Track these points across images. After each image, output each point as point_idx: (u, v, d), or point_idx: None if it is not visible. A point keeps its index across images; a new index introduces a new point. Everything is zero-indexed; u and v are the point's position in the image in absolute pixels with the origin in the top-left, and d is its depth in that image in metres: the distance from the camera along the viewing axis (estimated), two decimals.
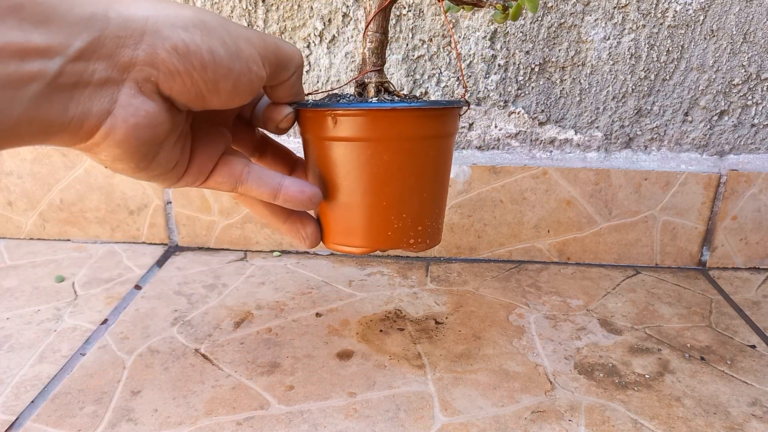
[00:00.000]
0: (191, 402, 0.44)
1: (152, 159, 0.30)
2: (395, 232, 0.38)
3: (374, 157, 0.36)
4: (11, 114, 0.23)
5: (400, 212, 0.38)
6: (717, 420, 0.43)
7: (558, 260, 0.69)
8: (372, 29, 0.39)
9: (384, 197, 0.37)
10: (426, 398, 0.45)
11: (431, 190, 0.39)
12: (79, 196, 0.68)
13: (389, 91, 0.41)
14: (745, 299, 0.62)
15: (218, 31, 0.29)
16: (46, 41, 0.24)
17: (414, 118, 0.36)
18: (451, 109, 0.37)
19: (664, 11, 0.59)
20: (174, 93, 0.29)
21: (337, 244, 0.39)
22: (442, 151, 0.39)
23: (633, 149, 0.66)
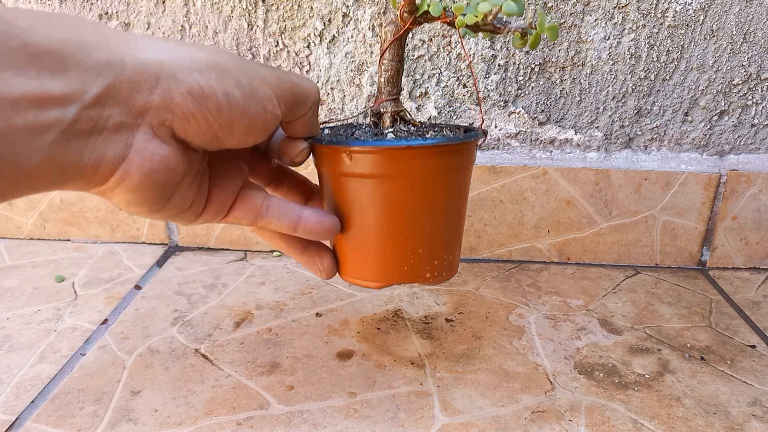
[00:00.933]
0: (191, 402, 0.44)
1: (167, 201, 0.30)
2: (411, 268, 0.38)
3: (390, 193, 0.36)
4: (28, 162, 0.23)
5: (416, 248, 0.37)
6: (717, 420, 0.43)
7: (558, 260, 0.69)
8: (387, 58, 0.38)
9: (400, 233, 0.37)
10: (426, 398, 0.45)
11: (448, 224, 0.38)
12: (79, 196, 0.68)
13: (405, 120, 0.40)
14: (745, 299, 0.62)
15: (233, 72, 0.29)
16: (63, 89, 0.24)
17: (430, 155, 0.35)
18: (468, 143, 0.36)
19: (664, 11, 0.59)
20: (189, 136, 0.29)
21: (354, 277, 0.39)
22: (459, 185, 0.38)
23: (633, 149, 0.66)
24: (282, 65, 0.63)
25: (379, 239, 0.37)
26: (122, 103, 0.26)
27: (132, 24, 0.61)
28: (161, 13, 0.61)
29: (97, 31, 0.25)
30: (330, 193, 0.38)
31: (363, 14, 0.60)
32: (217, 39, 0.62)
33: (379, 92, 0.40)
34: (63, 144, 0.24)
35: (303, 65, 0.63)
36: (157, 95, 0.26)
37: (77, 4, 0.61)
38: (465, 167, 0.38)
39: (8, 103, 0.22)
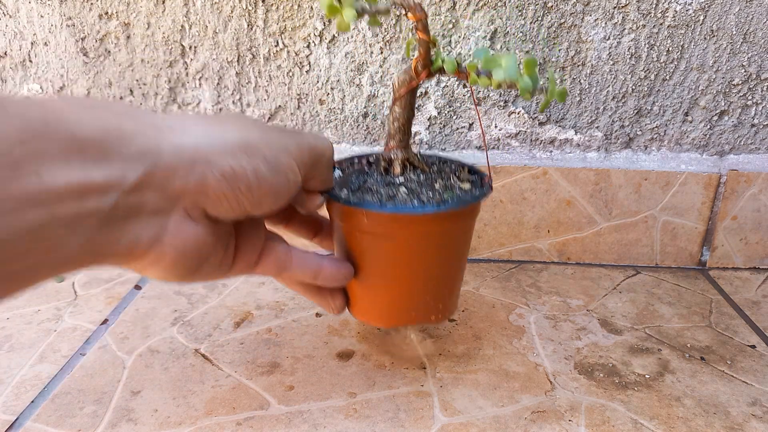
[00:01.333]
0: (191, 402, 0.44)
1: (198, 270, 0.32)
2: (418, 312, 0.42)
3: (403, 249, 0.38)
4: (68, 250, 0.24)
5: (424, 294, 0.41)
6: (717, 420, 0.43)
7: (558, 260, 0.69)
8: (399, 107, 0.40)
9: (409, 283, 0.40)
10: (426, 398, 0.45)
11: (453, 271, 0.42)
12: None
13: (414, 165, 0.43)
14: (745, 299, 0.62)
15: (261, 149, 0.30)
16: (105, 177, 0.24)
17: (441, 218, 0.37)
18: (476, 204, 0.39)
19: (664, 11, 0.59)
20: (221, 213, 0.30)
21: (364, 317, 0.43)
22: (465, 236, 0.41)
23: (633, 149, 0.66)
24: (282, 65, 0.63)
25: (390, 287, 0.40)
26: (159, 189, 0.27)
27: (132, 24, 0.61)
28: (161, 13, 0.61)
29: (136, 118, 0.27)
30: (344, 242, 0.40)
31: None
32: (217, 39, 0.62)
33: (390, 138, 0.42)
34: (101, 230, 0.25)
35: (303, 65, 0.63)
36: (193, 180, 0.28)
37: (77, 4, 0.61)
38: (471, 221, 0.41)
39: (54, 194, 0.23)
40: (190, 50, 0.63)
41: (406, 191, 0.39)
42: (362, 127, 0.65)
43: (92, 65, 0.64)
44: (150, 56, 0.63)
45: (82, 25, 0.62)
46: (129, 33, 0.62)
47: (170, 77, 0.64)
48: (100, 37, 0.62)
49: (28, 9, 0.62)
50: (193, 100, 0.65)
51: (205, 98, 0.65)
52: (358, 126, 0.65)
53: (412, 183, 0.40)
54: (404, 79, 0.39)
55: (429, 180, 0.41)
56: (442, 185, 0.41)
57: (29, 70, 0.65)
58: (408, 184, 0.40)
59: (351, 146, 0.66)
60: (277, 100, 0.64)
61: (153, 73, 0.64)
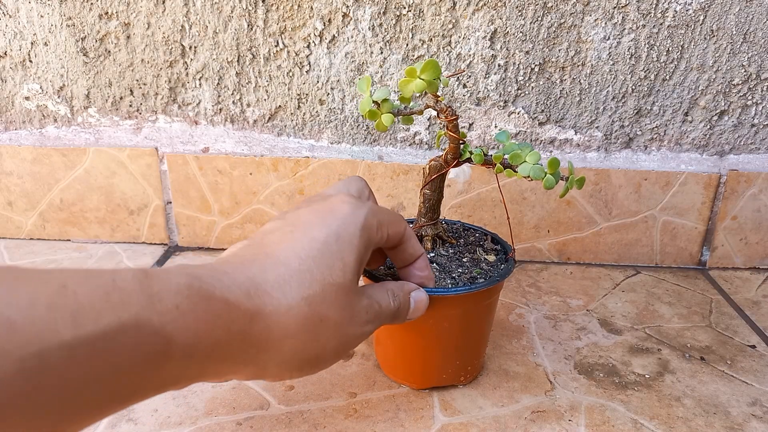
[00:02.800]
0: (191, 402, 0.44)
1: None
2: (449, 374, 0.45)
3: (437, 323, 0.42)
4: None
5: (454, 360, 0.44)
6: (717, 420, 0.43)
7: (558, 260, 0.69)
8: (429, 189, 0.45)
9: (441, 351, 0.44)
10: (426, 398, 0.45)
11: (480, 337, 0.45)
12: (79, 196, 0.68)
13: (443, 239, 0.47)
14: (745, 299, 0.62)
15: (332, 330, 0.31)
16: None
17: (472, 296, 0.41)
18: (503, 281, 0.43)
19: (664, 11, 0.59)
20: None
21: (400, 379, 0.46)
22: (491, 307, 0.45)
23: (633, 149, 0.66)
24: (282, 65, 0.63)
25: (424, 355, 0.44)
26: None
27: (132, 24, 0.61)
28: (161, 13, 0.61)
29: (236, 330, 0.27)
30: None
31: (363, 14, 0.60)
32: (217, 39, 0.62)
33: (420, 216, 0.46)
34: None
35: (303, 65, 0.63)
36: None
37: (77, 4, 0.61)
38: (496, 294, 0.45)
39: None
40: (190, 50, 0.63)
41: (437, 267, 0.43)
42: (362, 127, 0.65)
43: (92, 65, 0.64)
44: (150, 56, 0.63)
45: (82, 25, 0.62)
46: (129, 33, 0.62)
47: (170, 77, 0.64)
48: (100, 37, 0.62)
49: (28, 9, 0.62)
50: (193, 100, 0.65)
51: (205, 98, 0.65)
52: (358, 126, 0.65)
53: (443, 258, 0.45)
54: (435, 166, 0.44)
55: (457, 254, 0.46)
56: (469, 259, 0.45)
57: (29, 70, 0.65)
58: (439, 260, 0.45)
59: (351, 146, 0.66)
60: (277, 100, 0.64)
61: (153, 73, 0.64)
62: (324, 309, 0.29)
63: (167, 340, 0.23)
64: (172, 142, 0.67)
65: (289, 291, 0.28)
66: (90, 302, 0.21)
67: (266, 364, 0.28)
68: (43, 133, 0.68)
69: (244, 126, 0.66)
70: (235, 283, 0.27)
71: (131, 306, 0.22)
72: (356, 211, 0.32)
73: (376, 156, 0.66)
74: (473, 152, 0.43)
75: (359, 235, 0.32)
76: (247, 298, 0.27)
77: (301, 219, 0.32)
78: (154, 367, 0.23)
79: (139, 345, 0.22)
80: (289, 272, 0.29)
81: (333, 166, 0.66)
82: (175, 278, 0.25)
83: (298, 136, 0.66)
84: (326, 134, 0.66)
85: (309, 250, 0.30)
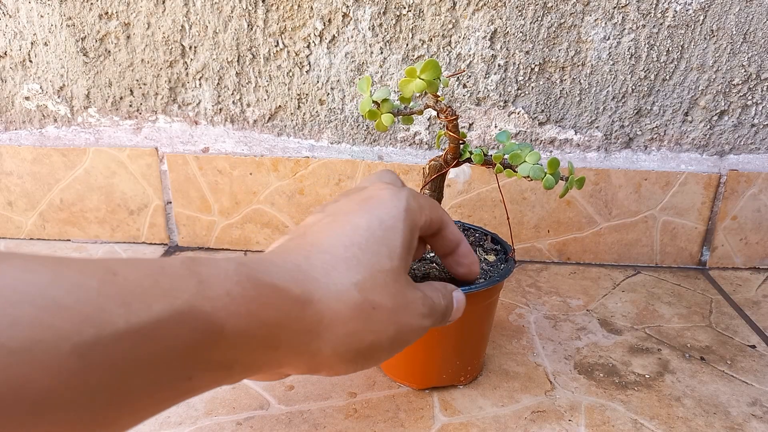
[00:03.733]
0: (191, 402, 0.44)
1: None
2: (449, 375, 0.45)
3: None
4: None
5: (454, 360, 0.44)
6: (717, 420, 0.43)
7: (558, 260, 0.69)
8: (429, 189, 0.45)
9: (441, 352, 0.44)
10: (426, 398, 0.45)
11: (480, 338, 0.46)
12: (79, 196, 0.68)
13: None
14: (745, 299, 0.62)
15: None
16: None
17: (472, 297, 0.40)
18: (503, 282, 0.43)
19: (664, 11, 0.59)
20: None
21: (400, 379, 0.46)
22: (491, 308, 0.45)
23: (633, 149, 0.66)
24: (282, 65, 0.63)
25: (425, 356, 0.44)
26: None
27: (132, 24, 0.61)
28: (161, 13, 0.61)
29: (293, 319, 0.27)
30: None
31: (363, 14, 0.60)
32: (217, 39, 0.62)
33: None
34: None
35: (303, 65, 0.63)
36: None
37: (77, 4, 0.61)
38: (496, 295, 0.45)
39: None
40: (190, 50, 0.63)
41: (437, 268, 0.43)
42: (362, 127, 0.65)
43: (92, 65, 0.64)
44: (150, 56, 0.63)
45: (82, 25, 0.62)
46: (129, 33, 0.62)
47: (170, 77, 0.64)
48: (100, 37, 0.62)
49: (28, 9, 0.62)
50: (193, 100, 0.65)
51: (205, 98, 0.65)
52: (358, 126, 0.65)
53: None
54: (435, 166, 0.44)
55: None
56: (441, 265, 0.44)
57: (29, 70, 0.65)
58: (438, 260, 0.44)
59: (351, 146, 0.66)
60: (277, 100, 0.64)
61: (153, 73, 0.64)
62: (375, 296, 0.28)
63: (219, 326, 0.23)
64: (172, 142, 0.67)
65: (337, 277, 0.27)
66: (141, 289, 0.21)
67: (320, 352, 0.27)
68: (43, 133, 0.68)
69: (244, 126, 0.66)
70: (282, 270, 0.26)
71: (182, 292, 0.22)
72: (397, 195, 0.31)
73: (376, 156, 0.66)
74: (473, 152, 0.43)
75: (403, 218, 0.30)
76: (295, 284, 0.26)
77: (341, 209, 0.31)
78: (206, 354, 0.23)
79: (191, 332, 0.22)
80: (335, 259, 0.28)
81: (333, 166, 0.66)
82: (223, 264, 0.24)
83: (298, 136, 0.66)
84: (326, 134, 0.66)
85: (353, 236, 0.29)
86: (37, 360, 0.17)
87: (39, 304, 0.18)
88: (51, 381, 0.18)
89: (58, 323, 0.18)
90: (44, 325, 0.18)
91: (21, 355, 0.17)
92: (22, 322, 0.17)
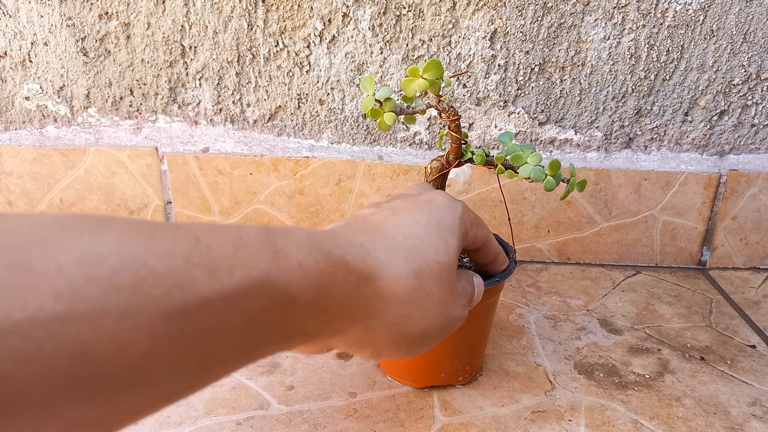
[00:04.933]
0: (191, 402, 0.44)
1: None
2: (448, 374, 0.45)
3: None
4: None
5: (452, 360, 0.44)
6: (717, 420, 0.43)
7: (558, 260, 0.69)
8: None
9: (440, 351, 0.43)
10: (426, 398, 0.45)
11: (479, 338, 0.46)
12: (79, 196, 0.68)
13: None
14: (745, 299, 0.62)
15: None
16: None
17: None
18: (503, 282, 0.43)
19: (664, 11, 0.59)
20: None
21: (399, 378, 0.46)
22: (491, 309, 0.45)
23: (633, 149, 0.66)
24: (282, 65, 0.63)
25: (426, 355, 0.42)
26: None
27: (132, 24, 0.61)
28: (161, 13, 0.61)
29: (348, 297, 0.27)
30: None
31: (363, 14, 0.60)
32: (217, 39, 0.62)
33: None
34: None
35: (303, 65, 0.63)
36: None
37: (77, 4, 0.61)
38: (496, 296, 0.45)
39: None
40: (190, 50, 0.63)
41: None
42: (362, 127, 0.65)
43: (92, 65, 0.64)
44: (150, 56, 0.63)
45: (82, 25, 0.62)
46: (129, 33, 0.62)
47: (170, 77, 0.64)
48: (100, 37, 0.62)
49: (28, 9, 0.62)
50: (193, 100, 0.65)
51: (205, 98, 0.65)
52: (358, 126, 0.65)
53: None
54: (436, 166, 0.44)
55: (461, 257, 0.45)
56: (470, 260, 0.44)
57: (29, 70, 0.65)
58: None
59: (351, 146, 0.66)
60: (277, 100, 0.64)
61: (153, 73, 0.64)
62: (430, 284, 0.30)
63: (291, 296, 0.24)
64: (172, 142, 0.67)
65: (398, 261, 0.29)
66: (222, 257, 0.22)
67: (373, 328, 0.29)
68: (43, 133, 0.68)
69: (244, 126, 0.66)
70: (349, 245, 0.27)
71: (259, 263, 0.23)
72: (454, 203, 0.34)
73: (376, 156, 0.66)
74: (475, 152, 0.43)
75: (458, 224, 0.32)
76: (360, 260, 0.27)
77: (399, 206, 0.33)
78: (278, 321, 0.24)
79: (267, 300, 0.23)
80: (396, 245, 0.29)
81: (333, 166, 0.66)
82: (296, 234, 0.25)
83: (298, 136, 0.66)
84: (326, 134, 0.66)
85: (414, 228, 0.30)
86: (136, 325, 0.19)
87: (138, 272, 0.19)
88: (148, 345, 0.19)
89: (153, 290, 0.19)
90: (142, 293, 0.19)
91: (124, 322, 0.18)
92: (124, 289, 0.18)
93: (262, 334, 0.23)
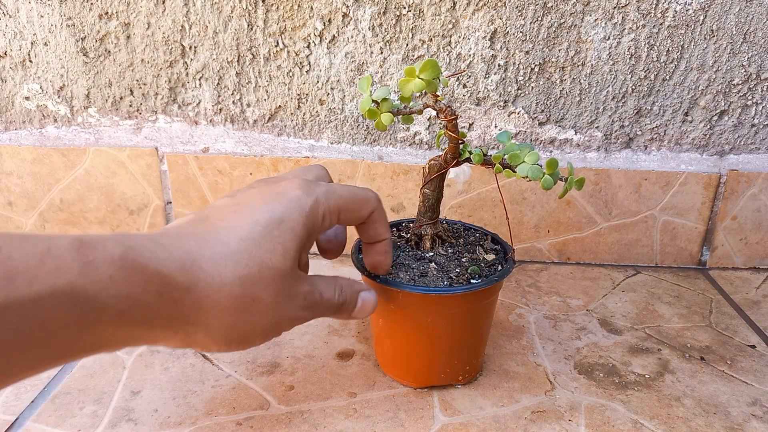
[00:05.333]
0: (191, 402, 0.44)
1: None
2: (447, 374, 0.45)
3: (434, 323, 0.42)
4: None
5: (452, 360, 0.44)
6: (717, 420, 0.43)
7: (558, 260, 0.69)
8: (429, 188, 0.45)
9: (439, 351, 0.44)
10: (426, 398, 0.45)
11: (479, 338, 0.46)
12: (79, 196, 0.68)
13: (442, 239, 0.47)
14: (745, 299, 0.62)
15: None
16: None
17: (469, 296, 0.41)
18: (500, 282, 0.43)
19: (664, 11, 0.59)
20: None
21: (399, 377, 0.46)
22: (490, 308, 0.45)
23: (633, 149, 0.66)
24: (282, 65, 0.63)
25: (422, 355, 0.44)
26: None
27: (132, 24, 0.61)
28: (161, 13, 0.61)
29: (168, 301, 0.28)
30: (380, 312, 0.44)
31: (363, 14, 0.60)
32: (217, 39, 0.62)
33: (420, 215, 0.46)
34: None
35: (303, 65, 0.63)
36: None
37: (77, 4, 0.61)
38: (495, 295, 0.44)
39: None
40: (190, 50, 0.63)
41: (436, 267, 0.43)
42: (362, 127, 0.65)
43: (92, 65, 0.64)
44: (150, 56, 0.63)
45: (82, 25, 0.62)
46: (129, 33, 0.62)
47: (170, 77, 0.64)
48: (100, 37, 0.62)
49: (28, 9, 0.62)
50: (193, 100, 0.65)
51: (205, 98, 0.65)
52: (358, 126, 0.65)
53: (441, 257, 0.45)
54: (434, 166, 0.44)
55: (456, 254, 0.46)
56: (468, 259, 0.45)
57: (29, 70, 0.65)
58: (437, 259, 0.45)
59: (351, 146, 0.66)
60: (277, 100, 0.64)
61: (153, 73, 0.64)
62: (258, 290, 0.30)
63: (99, 307, 0.25)
64: (172, 142, 0.67)
65: (223, 269, 0.29)
66: (25, 266, 0.23)
67: (194, 334, 0.29)
68: (43, 133, 0.68)
69: (244, 126, 0.66)
70: (171, 257, 0.28)
71: (65, 273, 0.24)
72: (304, 197, 0.33)
73: (376, 156, 0.66)
74: (473, 152, 0.43)
75: (302, 222, 0.32)
76: (181, 271, 0.28)
77: (248, 200, 0.32)
78: (85, 331, 0.25)
79: (72, 311, 0.24)
80: (227, 251, 0.29)
81: (333, 166, 0.66)
82: (110, 248, 0.26)
83: (298, 136, 0.66)
84: (326, 134, 0.66)
85: (250, 232, 0.30)
86: None
87: None
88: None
89: None
90: None
91: None
92: None
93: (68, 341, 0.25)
